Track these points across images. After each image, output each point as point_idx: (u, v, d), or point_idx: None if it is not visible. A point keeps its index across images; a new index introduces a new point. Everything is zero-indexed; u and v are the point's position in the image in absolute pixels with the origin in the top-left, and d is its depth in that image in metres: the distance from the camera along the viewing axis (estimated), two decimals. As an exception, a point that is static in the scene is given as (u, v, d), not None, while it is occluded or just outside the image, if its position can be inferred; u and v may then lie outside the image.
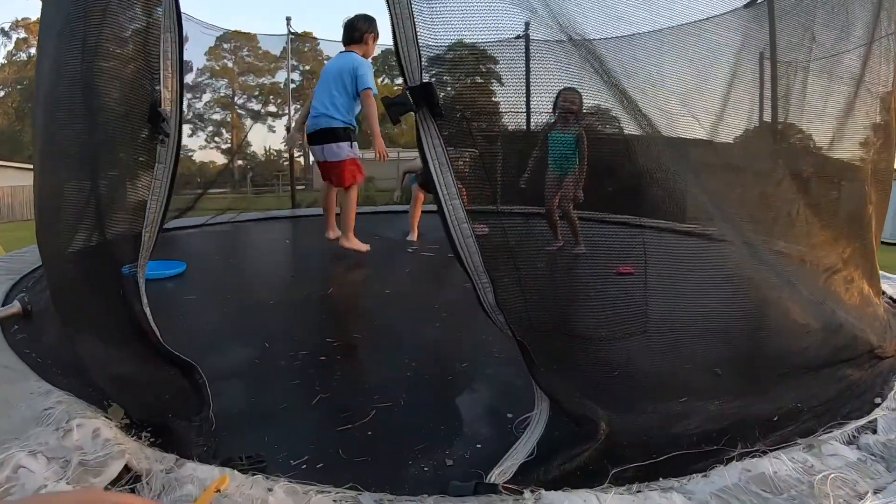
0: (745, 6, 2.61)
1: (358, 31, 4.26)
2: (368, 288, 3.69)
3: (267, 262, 4.15)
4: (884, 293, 3.08)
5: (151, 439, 1.63)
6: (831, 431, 1.70)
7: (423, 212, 5.57)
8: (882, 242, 3.06)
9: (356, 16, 4.36)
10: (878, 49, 2.66)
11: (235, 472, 1.44)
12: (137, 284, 2.05)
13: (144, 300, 2.05)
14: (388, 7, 1.58)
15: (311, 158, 4.34)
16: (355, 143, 4.18)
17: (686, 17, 2.30)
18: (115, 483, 1.41)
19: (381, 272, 4.22)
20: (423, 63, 1.58)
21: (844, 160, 2.70)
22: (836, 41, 2.59)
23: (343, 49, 4.30)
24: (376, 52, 4.52)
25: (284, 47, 10.45)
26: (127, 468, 1.45)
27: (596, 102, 2.01)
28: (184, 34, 2.02)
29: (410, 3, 1.57)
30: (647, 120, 2.03)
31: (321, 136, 4.17)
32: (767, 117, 2.64)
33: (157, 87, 1.99)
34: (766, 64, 2.56)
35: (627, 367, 1.92)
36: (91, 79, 2.20)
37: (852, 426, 1.74)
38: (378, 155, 4.15)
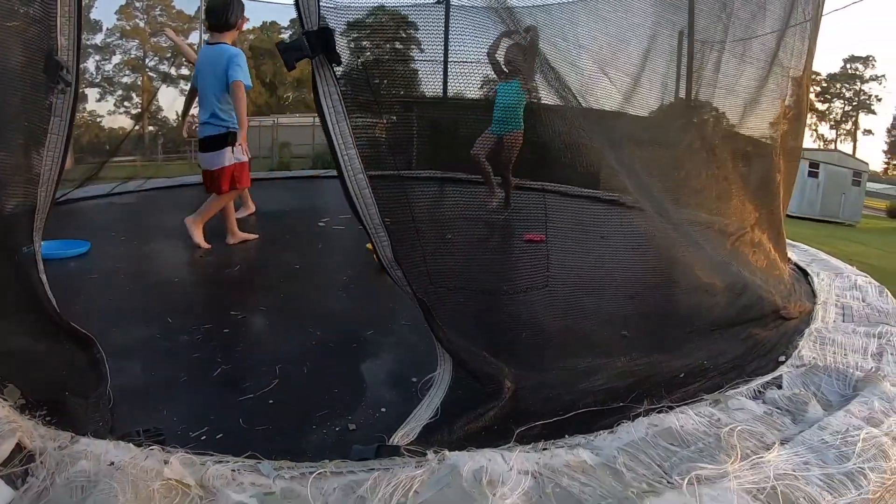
0: None
1: (232, 15, 3.72)
2: (276, 262, 3.49)
3: (173, 236, 3.86)
4: (789, 260, 3.11)
5: (48, 418, 1.49)
6: (738, 388, 1.68)
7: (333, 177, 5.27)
8: (786, 215, 3.12)
9: None
10: (794, 29, 2.68)
11: (131, 445, 1.32)
12: (34, 250, 1.88)
13: (41, 266, 1.89)
14: None
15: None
16: (238, 147, 3.70)
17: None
18: (6, 463, 1.27)
19: (290, 246, 4.04)
20: (321, 8, 1.45)
21: (756, 133, 2.72)
22: (752, 19, 2.61)
23: (210, 36, 3.74)
24: (294, 13, 4.12)
25: (199, 6, 9.94)
26: (20, 447, 1.32)
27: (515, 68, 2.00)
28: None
29: None
30: (566, 89, 1.98)
31: (204, 145, 3.75)
32: (682, 92, 2.64)
33: (54, 35, 1.81)
34: (684, 40, 2.57)
35: (532, 322, 1.87)
36: None
37: (758, 382, 1.73)
38: (242, 149, 3.75)
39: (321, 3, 1.45)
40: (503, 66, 2.23)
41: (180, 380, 1.88)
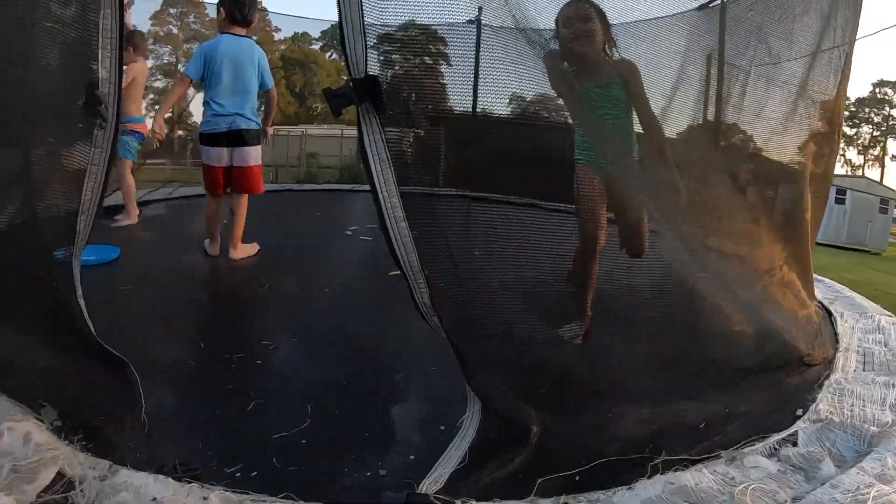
0: (698, 8, 2.63)
1: (250, 11, 3.72)
2: (305, 281, 3.57)
3: (201, 245, 3.98)
4: (815, 297, 3.15)
5: (83, 443, 1.56)
6: (754, 444, 1.74)
7: (361, 191, 5.41)
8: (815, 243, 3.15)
9: None
10: (823, 60, 2.71)
11: (171, 480, 1.40)
12: (72, 273, 1.93)
13: (79, 291, 1.94)
14: None
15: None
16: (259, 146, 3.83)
17: (641, 14, 2.32)
18: (47, 490, 1.35)
19: (318, 262, 4.14)
20: (368, 50, 1.52)
21: (785, 164, 2.74)
22: (783, 43, 2.64)
23: (229, 27, 3.69)
24: (326, 25, 4.23)
25: None
26: (60, 474, 1.39)
27: (542, 91, 1.99)
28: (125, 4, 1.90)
29: None
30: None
31: (234, 138, 3.69)
32: (712, 117, 2.67)
33: (95, 67, 1.86)
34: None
35: (561, 367, 1.93)
36: (25, 42, 2.07)
37: (774, 438, 1.78)
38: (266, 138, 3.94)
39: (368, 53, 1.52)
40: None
41: (214, 411, 1.95)
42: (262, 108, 4.20)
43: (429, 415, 2.00)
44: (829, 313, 3.07)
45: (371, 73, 1.51)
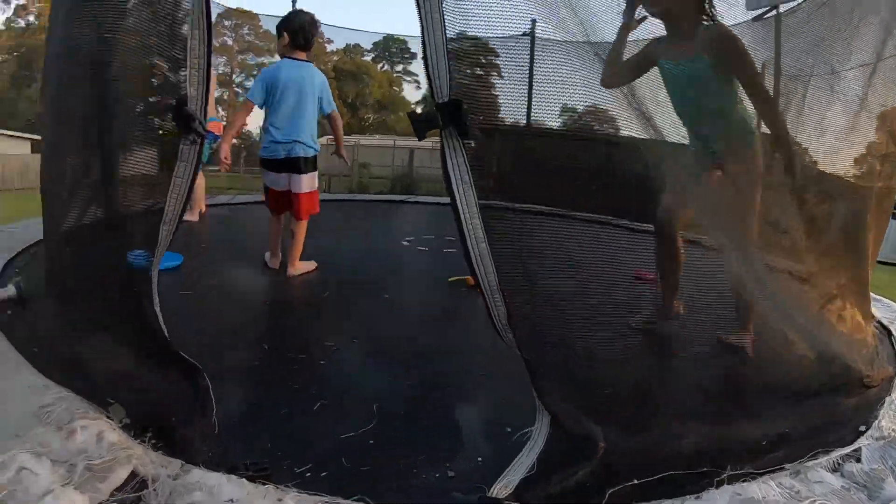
0: (754, 20, 2.63)
1: (313, 35, 3.80)
2: (365, 288, 3.67)
3: (262, 253, 4.10)
4: (873, 317, 3.11)
5: (154, 442, 1.62)
6: (817, 458, 1.75)
7: (415, 203, 5.47)
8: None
9: (303, 14, 3.79)
10: (885, 71, 2.67)
11: (245, 481, 1.45)
12: (150, 280, 2.01)
13: (156, 298, 2.02)
14: (419, 15, 1.54)
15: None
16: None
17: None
18: (120, 488, 1.40)
19: (377, 270, 4.22)
20: (451, 73, 1.56)
21: (845, 179, 2.69)
22: (842, 60, 2.62)
23: (291, 52, 3.74)
24: (378, 37, 4.28)
25: None
26: (133, 473, 1.45)
27: (593, 101, 2.01)
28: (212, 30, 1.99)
29: (443, 14, 1.54)
30: (651, 123, 2.03)
31: (291, 165, 3.75)
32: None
33: (183, 85, 1.95)
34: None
35: (629, 383, 1.97)
36: (108, 53, 2.20)
37: (837, 454, 1.79)
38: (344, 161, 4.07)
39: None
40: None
41: (281, 411, 2.01)
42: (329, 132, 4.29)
43: (493, 419, 2.05)
44: (890, 333, 3.05)
45: (455, 98, 1.56)
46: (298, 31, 3.69)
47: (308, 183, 3.79)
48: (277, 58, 3.86)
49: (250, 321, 2.97)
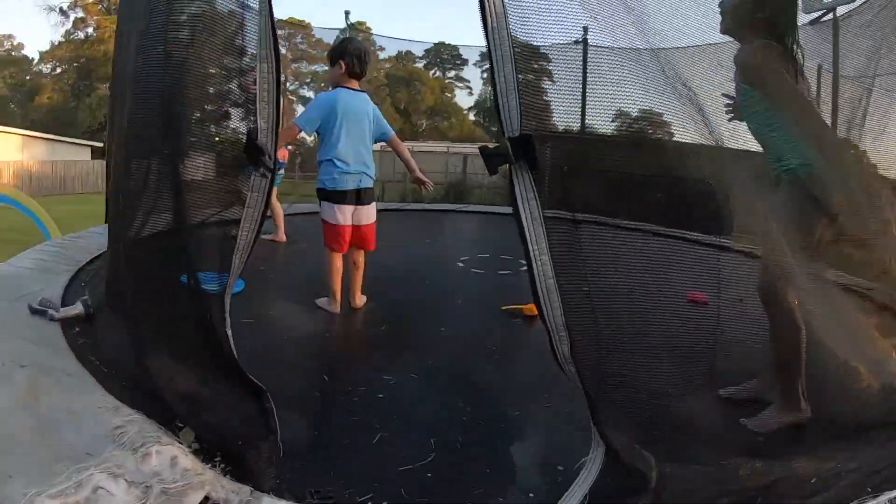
0: (810, 23, 2.58)
1: (367, 64, 3.76)
2: (421, 320, 3.69)
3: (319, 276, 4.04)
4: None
5: (223, 466, 1.66)
6: (866, 502, 1.65)
7: (474, 212, 5.39)
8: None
9: (357, 42, 3.85)
10: None
11: None
12: (223, 304, 2.05)
13: (228, 321, 2.06)
14: (489, 49, 1.54)
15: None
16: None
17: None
18: None
19: (433, 298, 4.24)
20: (522, 111, 1.55)
21: None
22: None
23: (347, 81, 3.67)
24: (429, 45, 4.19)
25: (338, 37, 10.62)
26: (206, 498, 1.48)
27: (647, 106, 1.97)
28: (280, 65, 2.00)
29: (512, 48, 1.54)
30: (709, 129, 1.99)
31: (359, 197, 3.65)
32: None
33: (254, 119, 1.97)
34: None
35: (684, 417, 1.94)
36: (182, 66, 2.22)
37: (887, 496, 1.68)
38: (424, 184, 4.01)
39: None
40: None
41: (343, 442, 2.04)
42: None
43: (548, 454, 2.03)
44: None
45: (525, 132, 1.54)
46: (355, 60, 3.65)
47: (374, 213, 3.76)
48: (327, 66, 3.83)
49: (308, 352, 2.99)
